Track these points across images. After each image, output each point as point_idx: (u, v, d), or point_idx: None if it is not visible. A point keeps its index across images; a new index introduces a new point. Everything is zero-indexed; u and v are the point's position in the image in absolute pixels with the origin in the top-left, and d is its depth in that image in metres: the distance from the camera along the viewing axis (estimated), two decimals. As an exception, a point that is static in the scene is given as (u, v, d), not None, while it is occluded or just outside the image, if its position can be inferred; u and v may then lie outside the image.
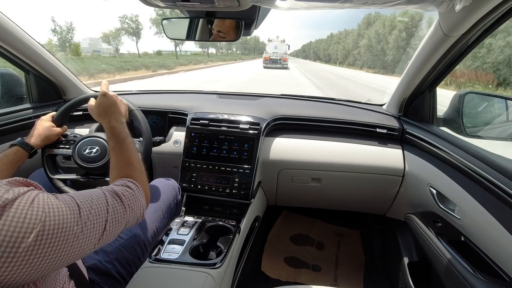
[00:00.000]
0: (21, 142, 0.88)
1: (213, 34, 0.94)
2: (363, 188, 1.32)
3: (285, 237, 1.73)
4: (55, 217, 0.43)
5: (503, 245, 0.72)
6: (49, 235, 0.42)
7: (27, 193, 0.43)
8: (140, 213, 0.65)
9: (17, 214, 0.39)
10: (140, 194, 0.65)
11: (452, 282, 0.79)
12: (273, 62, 22.10)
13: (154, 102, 1.43)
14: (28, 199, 0.42)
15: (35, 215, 0.41)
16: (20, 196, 0.42)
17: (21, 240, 0.39)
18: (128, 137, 0.77)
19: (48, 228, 0.42)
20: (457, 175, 0.94)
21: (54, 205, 0.44)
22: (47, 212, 0.43)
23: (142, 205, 0.65)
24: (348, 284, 1.43)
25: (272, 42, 22.99)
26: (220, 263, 0.84)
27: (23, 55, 1.20)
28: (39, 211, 0.42)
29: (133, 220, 0.62)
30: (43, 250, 0.41)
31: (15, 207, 0.40)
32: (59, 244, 0.43)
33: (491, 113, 1.17)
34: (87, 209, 0.50)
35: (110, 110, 0.81)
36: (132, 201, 0.61)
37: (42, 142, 0.93)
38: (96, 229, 0.51)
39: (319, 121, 1.33)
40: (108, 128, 0.78)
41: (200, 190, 1.17)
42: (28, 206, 0.41)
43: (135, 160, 0.73)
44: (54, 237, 0.42)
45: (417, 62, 1.07)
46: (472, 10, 0.75)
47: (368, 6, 0.76)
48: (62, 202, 0.46)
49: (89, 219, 0.49)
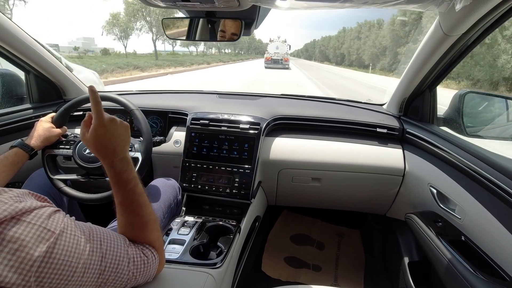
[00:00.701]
0: (21, 143, 0.89)
1: (213, 34, 0.94)
2: (363, 188, 1.32)
3: (286, 237, 1.73)
4: (67, 240, 0.43)
5: (503, 244, 0.72)
6: (57, 254, 0.41)
7: (44, 208, 0.43)
8: (144, 281, 0.58)
9: (32, 223, 0.40)
10: (153, 265, 0.58)
11: (453, 281, 0.79)
12: (274, 62, 21.91)
13: (154, 102, 1.43)
14: (45, 212, 0.42)
15: (54, 227, 0.42)
16: (38, 208, 0.42)
17: (34, 248, 0.39)
18: (138, 184, 0.60)
19: (58, 246, 0.42)
20: (458, 174, 0.94)
21: (70, 226, 0.45)
22: (62, 229, 0.43)
23: (150, 276, 0.59)
24: (349, 284, 1.43)
25: (273, 43, 22.65)
26: (221, 263, 0.84)
27: (23, 55, 1.20)
28: (58, 225, 0.42)
29: (132, 283, 0.56)
30: (49, 266, 0.40)
31: (33, 216, 0.40)
32: (62, 270, 0.42)
33: (491, 113, 1.17)
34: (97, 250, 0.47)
35: (116, 143, 0.58)
36: (139, 271, 0.55)
37: (42, 143, 0.93)
38: (95, 276, 0.47)
39: (319, 121, 1.33)
40: (113, 174, 0.58)
41: (201, 190, 1.17)
42: (45, 218, 0.42)
43: (152, 219, 0.61)
44: (62, 258, 0.42)
45: (417, 62, 1.07)
46: (472, 9, 0.75)
47: (368, 6, 0.76)
48: (78, 228, 0.46)
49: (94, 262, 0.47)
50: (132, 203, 0.59)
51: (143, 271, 0.56)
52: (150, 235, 0.60)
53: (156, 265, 0.59)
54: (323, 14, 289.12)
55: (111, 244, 0.51)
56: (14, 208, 0.39)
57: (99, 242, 0.48)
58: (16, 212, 0.39)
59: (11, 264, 0.37)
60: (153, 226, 0.61)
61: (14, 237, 0.37)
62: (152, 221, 0.61)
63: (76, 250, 0.44)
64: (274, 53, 22.24)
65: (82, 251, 0.45)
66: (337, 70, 29.83)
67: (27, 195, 0.44)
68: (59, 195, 1.05)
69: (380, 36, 30.84)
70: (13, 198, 0.40)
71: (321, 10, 3.83)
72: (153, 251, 0.60)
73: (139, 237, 0.59)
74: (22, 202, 0.41)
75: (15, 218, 0.39)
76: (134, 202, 0.59)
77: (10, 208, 0.39)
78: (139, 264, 0.55)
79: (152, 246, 0.60)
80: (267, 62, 22.27)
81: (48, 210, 0.43)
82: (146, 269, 0.56)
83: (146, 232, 0.60)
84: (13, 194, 0.41)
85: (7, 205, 0.39)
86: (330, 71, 26.76)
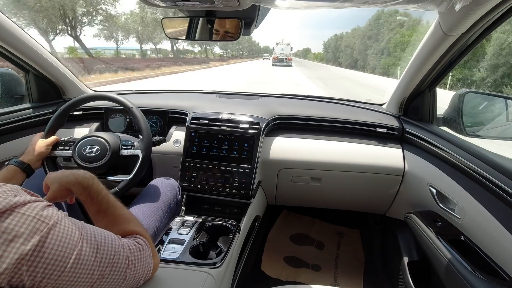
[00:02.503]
0: (14, 159, 0.92)
1: (213, 33, 0.94)
2: (363, 188, 1.32)
3: (285, 237, 1.73)
4: (60, 231, 0.43)
5: (503, 244, 0.72)
6: (50, 244, 0.41)
7: (37, 202, 0.43)
8: (143, 275, 0.58)
9: (27, 215, 0.40)
10: (148, 253, 0.59)
11: (452, 281, 0.79)
12: (280, 61, 27.45)
13: (154, 101, 1.43)
14: (39, 205, 0.43)
15: (48, 218, 0.42)
16: (32, 202, 0.42)
17: (27, 239, 0.39)
18: (109, 194, 0.66)
19: (51, 237, 0.42)
20: (457, 174, 0.94)
21: (63, 219, 0.45)
22: (55, 221, 0.43)
23: (147, 266, 0.58)
24: (348, 283, 1.43)
25: (279, 45, 28.23)
26: (220, 262, 0.84)
27: (23, 55, 1.20)
28: (52, 217, 0.43)
29: (133, 279, 0.55)
30: (42, 256, 0.40)
31: (27, 208, 0.41)
32: (54, 260, 0.42)
33: (491, 113, 1.17)
34: (91, 242, 0.47)
35: (69, 172, 0.67)
36: (137, 258, 0.55)
37: (36, 157, 0.96)
38: (90, 268, 0.46)
39: (319, 121, 1.33)
40: (81, 190, 0.64)
41: (200, 189, 1.17)
42: (39, 210, 0.42)
43: (133, 217, 0.65)
44: (55, 249, 0.42)
45: (417, 62, 1.07)
46: (472, 9, 0.75)
47: (368, 6, 0.76)
48: (71, 221, 0.46)
49: (88, 254, 0.46)
50: (108, 208, 0.63)
51: (139, 257, 0.56)
52: (137, 228, 0.63)
53: (150, 254, 0.60)
54: (325, 14, 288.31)
55: (104, 237, 0.51)
56: (8, 201, 0.39)
57: (92, 234, 0.49)
58: (11, 205, 0.39)
59: (5, 255, 0.37)
60: (136, 223, 0.65)
61: (9, 228, 0.38)
62: (134, 219, 0.65)
63: (69, 241, 0.44)
64: (280, 54, 27.99)
65: (76, 242, 0.45)
66: (335, 70, 32.28)
67: (20, 190, 0.44)
68: None
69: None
70: (7, 192, 0.41)
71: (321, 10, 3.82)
72: (144, 241, 0.60)
73: (127, 230, 0.62)
74: (17, 196, 0.41)
75: (9, 210, 0.39)
76: (110, 207, 0.63)
77: (4, 201, 0.39)
78: (135, 251, 0.56)
79: (143, 237, 0.62)
80: (274, 61, 27.83)
81: (42, 204, 0.44)
82: (142, 256, 0.57)
83: (132, 225, 0.63)
84: (7, 188, 0.42)
85: (1, 198, 0.39)
86: (324, 69, 31.73)
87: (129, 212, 0.67)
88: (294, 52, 30.09)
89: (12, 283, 0.38)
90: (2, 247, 0.37)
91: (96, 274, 0.47)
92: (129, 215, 0.66)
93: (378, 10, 29.15)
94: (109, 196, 0.65)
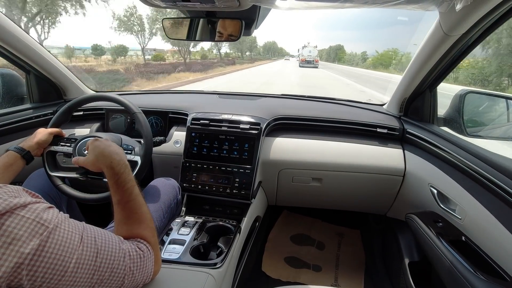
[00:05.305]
0: (14, 146, 0.89)
1: (213, 34, 0.94)
2: (363, 188, 1.32)
3: (286, 237, 1.73)
4: (61, 235, 0.43)
5: (503, 244, 0.72)
6: (50, 248, 0.41)
7: (38, 203, 0.43)
8: (142, 280, 0.58)
9: (26, 217, 0.40)
10: (149, 260, 0.58)
11: (453, 282, 0.79)
12: (308, 63, 29.51)
13: (154, 102, 1.43)
14: (39, 207, 0.42)
15: (48, 221, 0.42)
16: (32, 203, 0.42)
17: (27, 242, 0.39)
18: (135, 186, 0.66)
19: (51, 241, 0.41)
20: (458, 175, 0.94)
21: (64, 222, 0.45)
22: (56, 224, 0.43)
23: (147, 272, 0.58)
24: (349, 284, 1.43)
25: (306, 48, 31.08)
26: (221, 263, 0.84)
27: (24, 55, 1.20)
28: (52, 220, 0.42)
29: (131, 285, 0.55)
30: (42, 260, 0.40)
31: (27, 210, 0.40)
32: (55, 265, 0.41)
33: (492, 113, 1.17)
34: (92, 245, 0.47)
35: (111, 149, 0.70)
36: (136, 265, 0.55)
37: (36, 144, 0.92)
38: (89, 272, 0.46)
39: (319, 121, 1.33)
40: (112, 175, 0.65)
41: (201, 190, 1.17)
42: (39, 212, 0.42)
43: (148, 218, 0.64)
44: (55, 253, 0.41)
45: (417, 62, 1.07)
46: (473, 9, 0.75)
47: (369, 6, 0.76)
48: (71, 224, 0.46)
49: (89, 258, 0.46)
50: (129, 201, 0.63)
51: (139, 265, 0.56)
52: (145, 231, 0.62)
53: (152, 260, 0.59)
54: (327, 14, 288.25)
55: (105, 240, 0.50)
56: (8, 203, 0.39)
57: (93, 238, 0.48)
58: (11, 207, 0.39)
59: (4, 258, 0.37)
60: (148, 224, 0.64)
61: (8, 230, 0.38)
62: (148, 220, 0.64)
63: (69, 245, 0.43)
64: (307, 56, 30.56)
65: (76, 246, 0.44)
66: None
67: (21, 191, 0.44)
68: (58, 196, 1.05)
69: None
70: (8, 193, 0.41)
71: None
72: (148, 247, 0.60)
73: (134, 232, 0.61)
74: (17, 197, 0.41)
75: (9, 212, 0.39)
76: (131, 201, 0.63)
77: (4, 203, 0.39)
78: (135, 258, 0.55)
79: (148, 242, 0.61)
80: (302, 62, 29.57)
81: (42, 205, 0.43)
82: (142, 264, 0.56)
83: (141, 228, 0.62)
84: (8, 189, 0.42)
85: (1, 200, 0.39)
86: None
87: (147, 211, 0.66)
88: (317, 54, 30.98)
89: (12, 286, 0.38)
90: (1, 250, 0.37)
91: (95, 278, 0.47)
92: (145, 215, 0.64)
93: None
94: (134, 189, 0.64)
